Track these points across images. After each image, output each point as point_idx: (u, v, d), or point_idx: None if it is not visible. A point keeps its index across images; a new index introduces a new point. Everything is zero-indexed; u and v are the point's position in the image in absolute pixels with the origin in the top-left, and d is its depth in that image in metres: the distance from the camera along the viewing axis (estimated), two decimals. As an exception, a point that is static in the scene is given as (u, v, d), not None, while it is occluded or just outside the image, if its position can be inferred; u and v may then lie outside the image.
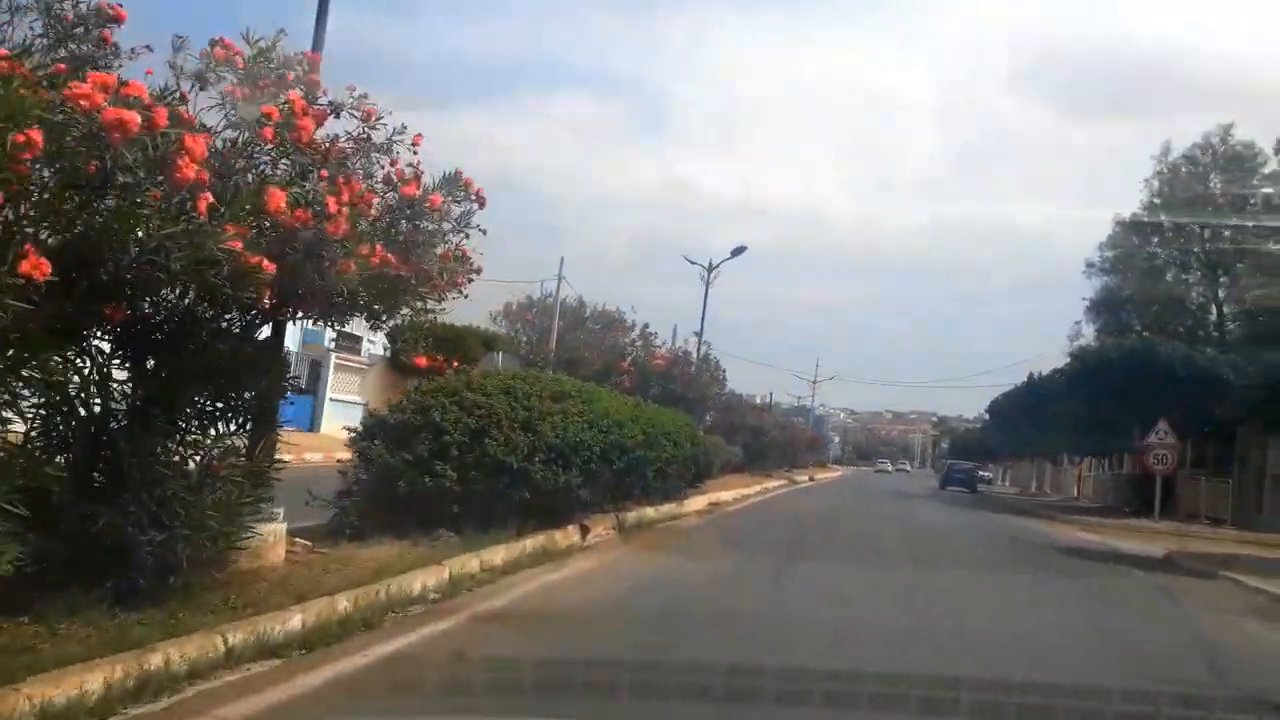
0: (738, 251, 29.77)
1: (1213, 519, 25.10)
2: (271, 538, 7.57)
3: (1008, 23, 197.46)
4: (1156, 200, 33.63)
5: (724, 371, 22.80)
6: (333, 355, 30.74)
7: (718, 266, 29.36)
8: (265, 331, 7.42)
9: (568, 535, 10.52)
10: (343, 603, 6.37)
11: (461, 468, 9.26)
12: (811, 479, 45.14)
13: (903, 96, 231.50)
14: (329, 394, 30.32)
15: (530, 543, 9.45)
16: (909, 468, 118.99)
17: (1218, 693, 6.14)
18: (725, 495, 21.56)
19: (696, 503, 17.86)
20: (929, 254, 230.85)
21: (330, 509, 9.52)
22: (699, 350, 22.59)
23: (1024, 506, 33.13)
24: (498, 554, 8.69)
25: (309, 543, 8.34)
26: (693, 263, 29.92)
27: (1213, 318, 32.63)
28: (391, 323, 7.10)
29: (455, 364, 8.61)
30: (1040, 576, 12.45)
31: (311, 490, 9.22)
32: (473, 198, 6.91)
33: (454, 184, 6.90)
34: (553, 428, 9.92)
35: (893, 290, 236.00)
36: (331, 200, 5.76)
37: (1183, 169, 33.33)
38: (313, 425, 28.90)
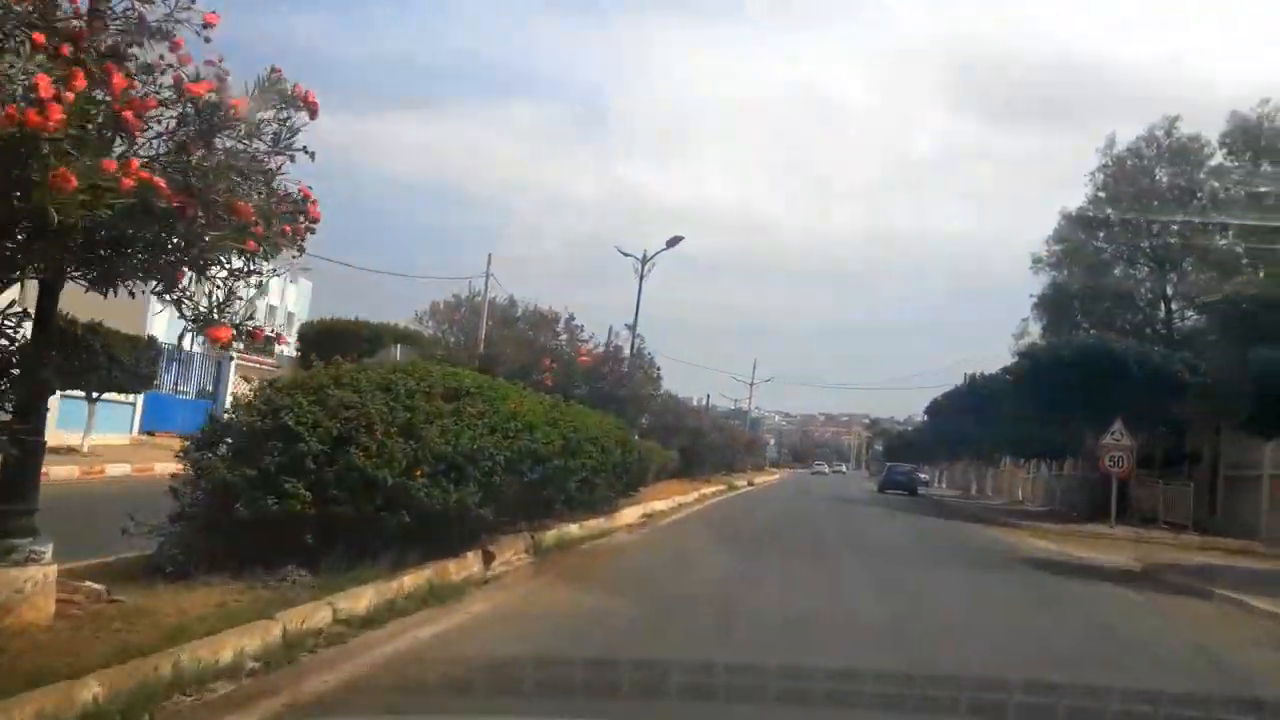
0: (673, 242, 27.94)
1: (1172, 524, 23.97)
2: (30, 586, 5.49)
3: (940, 36, 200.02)
4: (1102, 194, 32.72)
5: (659, 370, 20.63)
6: (234, 356, 28.25)
7: (653, 258, 27.55)
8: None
9: (465, 565, 8.52)
10: (92, 688, 4.33)
11: (319, 485, 7.21)
12: (750, 483, 43.60)
13: (844, 107, 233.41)
14: (229, 398, 27.77)
15: (411, 580, 7.43)
16: (844, 469, 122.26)
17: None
18: (661, 505, 19.71)
19: (628, 515, 15.97)
20: (864, 260, 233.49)
21: (159, 538, 7.42)
22: (632, 346, 20.61)
23: (971, 511, 31.88)
24: (362, 598, 6.67)
25: (101, 588, 6.24)
26: (626, 254, 28.09)
27: (1161, 314, 31.77)
28: (183, 288, 5.04)
29: (280, 338, 6.51)
30: (1020, 601, 10.81)
31: (135, 515, 7.16)
32: (300, 104, 4.91)
33: (271, 88, 4.89)
34: (442, 432, 7.91)
35: (829, 295, 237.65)
36: (44, 80, 3.74)
37: (1128, 162, 32.45)
38: (211, 432, 26.42)
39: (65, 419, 18.64)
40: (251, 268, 5.46)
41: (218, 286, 5.48)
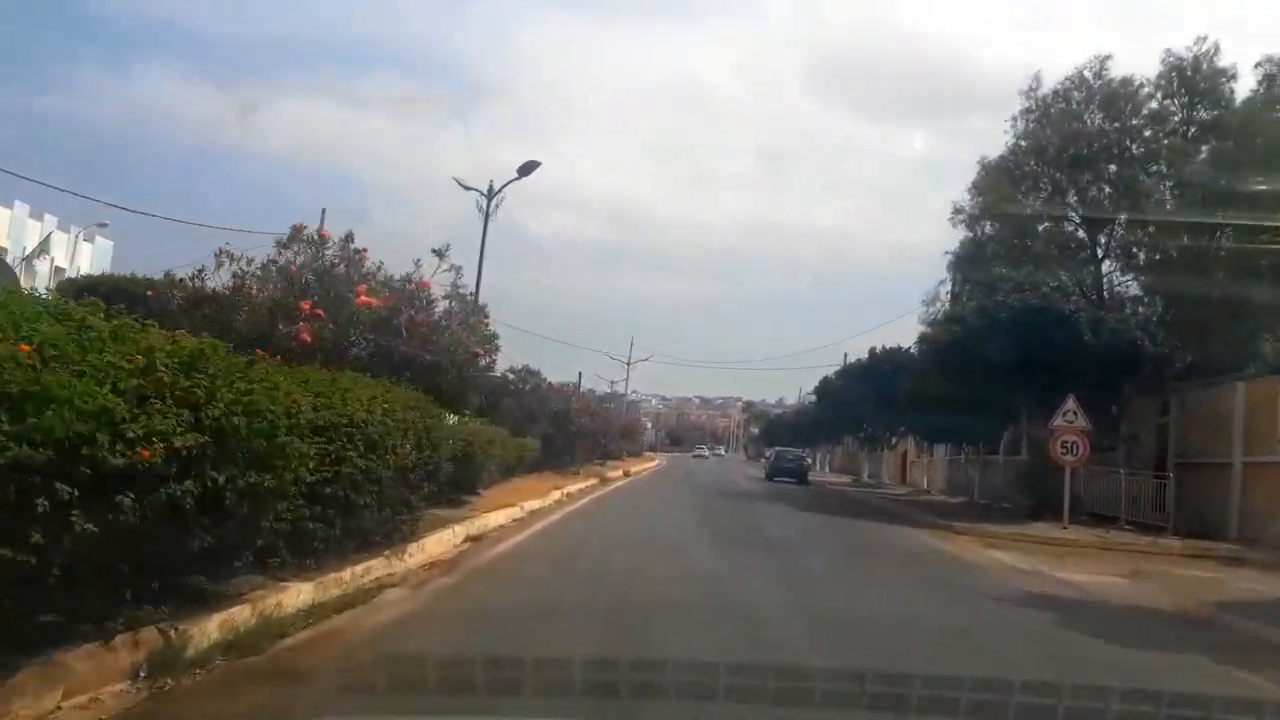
0: (526, 169, 22.12)
1: (1136, 523, 19.83)
2: None
3: (816, 32, 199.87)
4: (1023, 143, 28.63)
5: (489, 323, 14.11)
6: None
7: (501, 190, 21.81)
8: None
9: None
10: None
11: None
12: (626, 473, 38.35)
13: (718, 98, 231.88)
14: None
15: None
16: (722, 452, 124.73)
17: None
18: (500, 517, 14.18)
19: (436, 544, 10.39)
20: (737, 248, 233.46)
21: None
22: (475, 296, 14.63)
23: (881, 505, 27.39)
24: None
25: None
26: (467, 188, 22.26)
27: (1089, 276, 27.87)
28: None
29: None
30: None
31: None
32: None
33: None
34: None
35: (703, 283, 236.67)
36: None
37: (1054, 107, 28.49)
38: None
39: None
40: None
41: None
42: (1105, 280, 27.62)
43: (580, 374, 55.24)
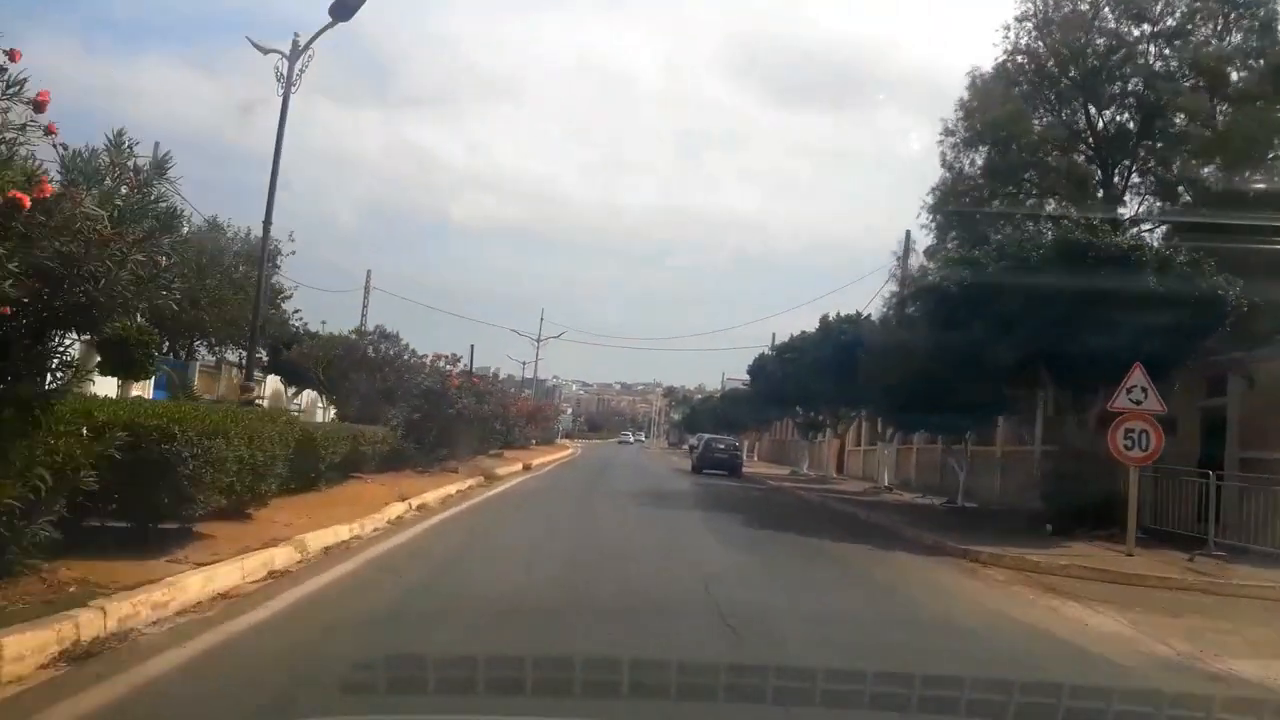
0: (342, 10, 15.03)
1: (1228, 546, 14.05)
2: None
3: (734, 21, 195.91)
4: (1020, 57, 23.00)
5: (182, 213, 7.58)
6: None
7: (308, 45, 14.90)
8: None
9: None
10: None
11: None
12: (527, 467, 31.71)
13: (637, 83, 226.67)
14: None
15: None
16: (643, 439, 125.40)
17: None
18: (229, 574, 7.57)
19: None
20: (656, 234, 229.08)
21: None
22: (273, 185, 8.64)
23: (849, 512, 21.29)
24: None
25: None
26: (266, 50, 15.22)
27: (1103, 212, 22.33)
28: None
29: None
30: None
31: None
32: None
33: None
34: None
35: (623, 266, 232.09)
36: None
37: (1058, 10, 22.86)
38: None
39: None
40: None
41: None
42: (1124, 226, 22.10)
43: (473, 347, 47.86)
